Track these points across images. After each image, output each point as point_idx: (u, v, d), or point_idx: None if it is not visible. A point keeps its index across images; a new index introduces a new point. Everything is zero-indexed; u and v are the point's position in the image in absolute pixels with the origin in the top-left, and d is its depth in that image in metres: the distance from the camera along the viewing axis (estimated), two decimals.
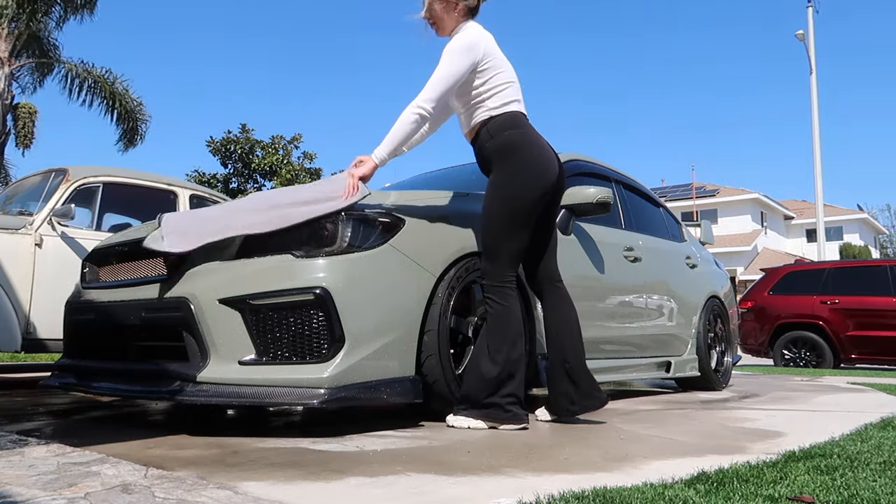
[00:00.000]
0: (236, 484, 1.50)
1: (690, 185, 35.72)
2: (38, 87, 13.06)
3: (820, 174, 16.93)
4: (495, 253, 2.51)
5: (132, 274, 2.64)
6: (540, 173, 2.50)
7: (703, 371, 4.44)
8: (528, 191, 2.48)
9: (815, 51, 17.47)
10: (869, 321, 8.36)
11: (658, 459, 1.89)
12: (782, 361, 8.90)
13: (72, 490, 1.42)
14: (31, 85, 13.00)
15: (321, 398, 2.12)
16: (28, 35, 11.93)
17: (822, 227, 17.21)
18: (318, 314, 2.20)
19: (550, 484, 1.53)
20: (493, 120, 2.56)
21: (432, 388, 2.45)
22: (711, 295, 4.68)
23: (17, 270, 3.73)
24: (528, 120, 2.62)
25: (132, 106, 12.95)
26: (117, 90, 12.73)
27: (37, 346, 3.81)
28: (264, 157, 18.11)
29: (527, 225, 2.52)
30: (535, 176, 2.49)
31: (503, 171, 2.51)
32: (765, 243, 35.45)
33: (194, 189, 4.83)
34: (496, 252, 2.50)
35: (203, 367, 2.20)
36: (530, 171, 2.49)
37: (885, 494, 1.45)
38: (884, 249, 46.72)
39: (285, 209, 2.34)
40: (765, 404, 3.60)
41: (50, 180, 4.17)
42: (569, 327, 2.64)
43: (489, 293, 2.52)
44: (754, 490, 1.48)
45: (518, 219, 2.48)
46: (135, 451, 1.89)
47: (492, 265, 2.52)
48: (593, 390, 2.63)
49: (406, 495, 1.44)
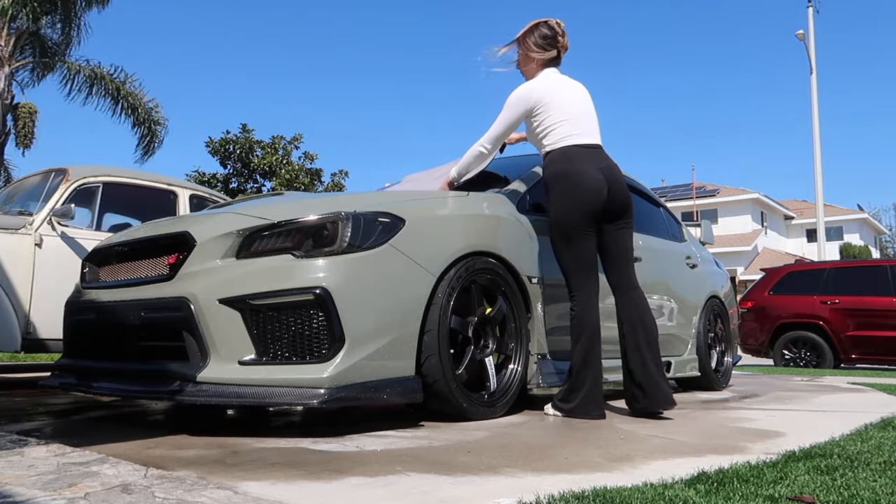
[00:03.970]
0: (236, 484, 1.50)
1: (691, 185, 35.72)
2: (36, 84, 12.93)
3: (820, 174, 16.93)
4: (563, 269, 2.93)
5: (132, 274, 2.64)
6: (576, 200, 2.84)
7: (703, 371, 4.44)
8: (567, 215, 2.85)
9: (816, 51, 17.47)
10: (869, 321, 8.36)
11: (658, 459, 1.89)
12: (782, 361, 8.89)
13: (72, 490, 1.42)
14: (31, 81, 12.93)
15: (321, 398, 2.12)
16: (29, 34, 11.91)
17: (823, 227, 17.21)
18: (318, 314, 2.20)
19: (550, 484, 1.53)
20: (548, 155, 2.98)
21: (432, 388, 2.44)
22: (711, 295, 4.68)
23: (17, 270, 3.73)
24: (582, 150, 2.93)
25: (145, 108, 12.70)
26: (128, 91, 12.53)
27: (37, 346, 3.81)
28: (264, 157, 18.09)
29: (576, 243, 2.86)
30: (572, 202, 2.85)
31: (550, 199, 2.94)
32: (765, 243, 35.44)
33: (194, 189, 4.82)
34: (563, 268, 2.93)
35: (203, 367, 2.20)
36: (567, 198, 2.86)
37: (886, 494, 1.45)
38: (884, 250, 46.72)
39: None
40: (765, 404, 3.60)
41: (50, 180, 4.17)
42: (635, 337, 2.87)
43: (570, 301, 2.91)
44: (754, 490, 1.48)
45: (568, 238, 2.87)
46: (135, 451, 1.89)
47: (566, 279, 2.93)
48: (661, 392, 2.80)
49: (406, 495, 1.44)
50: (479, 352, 2.72)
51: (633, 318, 2.89)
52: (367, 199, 2.58)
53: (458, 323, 2.61)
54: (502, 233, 2.91)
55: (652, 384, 2.80)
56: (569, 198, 2.85)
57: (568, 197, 2.85)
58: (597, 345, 2.83)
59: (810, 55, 17.39)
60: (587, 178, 2.85)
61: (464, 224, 2.74)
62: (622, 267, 2.98)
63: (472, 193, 3.01)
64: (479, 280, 2.73)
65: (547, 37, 3.03)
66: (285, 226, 2.35)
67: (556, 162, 2.91)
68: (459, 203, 2.86)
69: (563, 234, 2.87)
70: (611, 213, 2.93)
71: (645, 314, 2.91)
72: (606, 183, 2.88)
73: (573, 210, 2.84)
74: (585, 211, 2.83)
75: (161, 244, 2.55)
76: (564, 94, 2.98)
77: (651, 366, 2.82)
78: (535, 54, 3.05)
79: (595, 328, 2.84)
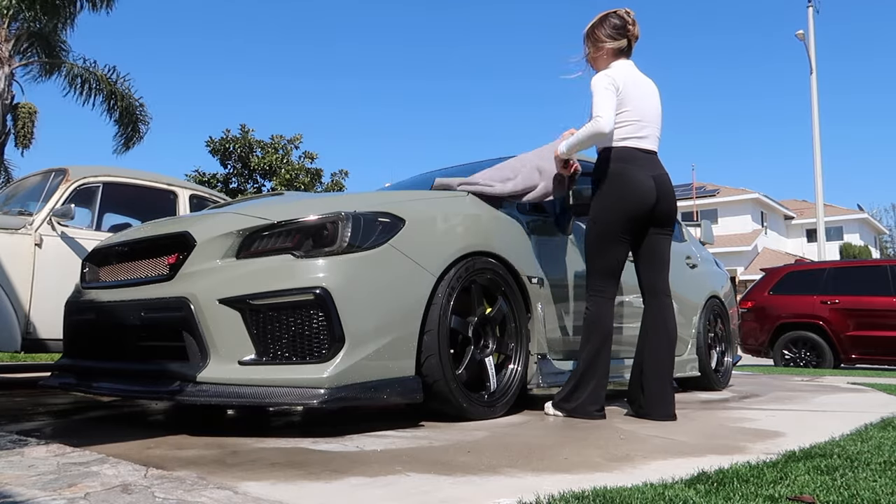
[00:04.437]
0: (236, 484, 1.50)
1: (691, 184, 35.70)
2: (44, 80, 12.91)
3: (820, 174, 16.93)
4: (589, 266, 2.92)
5: (132, 274, 2.64)
6: (621, 202, 2.81)
7: (703, 371, 4.44)
8: (609, 216, 2.83)
9: (816, 51, 17.47)
10: (869, 321, 8.35)
11: (658, 459, 1.89)
12: (782, 361, 8.89)
13: (72, 490, 1.42)
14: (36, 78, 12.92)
15: (321, 398, 2.12)
16: (30, 33, 11.90)
17: (823, 227, 17.20)
18: (318, 314, 2.20)
19: (550, 484, 1.53)
20: (605, 151, 2.91)
21: (432, 388, 2.44)
22: (711, 295, 4.68)
23: (17, 270, 3.73)
24: (640, 154, 2.87)
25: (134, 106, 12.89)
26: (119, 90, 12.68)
27: (37, 346, 3.81)
28: (263, 156, 18.10)
29: (610, 245, 2.84)
30: (617, 203, 2.82)
31: (595, 196, 2.91)
32: (765, 243, 35.45)
33: (194, 189, 4.82)
34: (589, 265, 2.92)
35: (203, 367, 2.20)
36: (613, 199, 2.83)
37: (886, 494, 1.45)
38: (884, 250, 46.71)
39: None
40: (765, 404, 3.60)
41: (50, 180, 4.17)
42: (655, 339, 2.87)
43: (586, 300, 2.89)
44: (754, 490, 1.48)
45: (604, 240, 2.85)
46: (135, 451, 1.89)
47: (588, 277, 2.92)
48: (663, 403, 2.80)
49: (406, 495, 1.44)
50: (479, 352, 2.72)
51: (659, 323, 2.88)
52: (367, 199, 2.58)
53: (458, 323, 2.61)
54: (502, 233, 2.91)
55: (658, 395, 2.79)
56: (615, 198, 2.82)
57: (614, 197, 2.82)
58: (606, 349, 2.82)
59: (810, 55, 17.39)
60: (638, 183, 2.81)
61: (464, 224, 2.74)
62: (658, 272, 2.95)
63: (471, 194, 3.01)
64: (479, 280, 2.73)
65: (617, 26, 2.96)
66: (285, 226, 2.36)
67: (612, 161, 2.86)
68: (459, 203, 2.86)
69: (600, 234, 2.85)
70: (655, 221, 2.90)
71: (670, 322, 2.90)
72: (656, 191, 2.85)
73: (616, 212, 2.82)
74: (628, 215, 2.81)
75: (161, 244, 2.55)
76: (639, 92, 2.92)
77: (664, 376, 2.82)
78: (607, 44, 2.96)
79: (607, 332, 2.83)
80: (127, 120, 12.94)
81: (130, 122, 13.01)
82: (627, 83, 2.86)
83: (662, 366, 2.83)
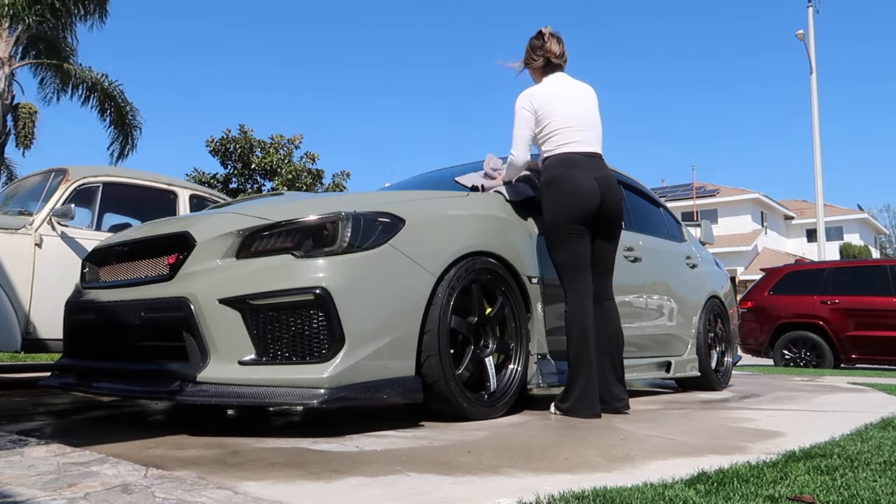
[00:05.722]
0: (236, 484, 1.50)
1: (691, 185, 35.72)
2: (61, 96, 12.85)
3: (820, 174, 16.93)
4: (557, 270, 2.99)
5: (132, 274, 2.64)
6: (568, 205, 2.91)
7: (703, 371, 4.44)
8: (558, 218, 2.93)
9: (816, 51, 17.47)
10: (869, 321, 8.35)
11: (658, 459, 1.89)
12: (782, 361, 8.89)
13: (72, 490, 1.42)
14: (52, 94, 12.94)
15: (321, 398, 2.12)
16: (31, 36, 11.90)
17: (823, 227, 17.20)
18: (318, 314, 2.20)
19: (550, 484, 1.53)
20: (546, 160, 3.05)
21: (432, 388, 2.44)
22: (711, 295, 4.68)
23: (17, 270, 3.73)
24: (580, 157, 2.99)
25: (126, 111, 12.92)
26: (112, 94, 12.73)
27: (37, 346, 3.80)
28: (264, 156, 18.08)
29: (568, 244, 2.93)
30: (564, 206, 2.92)
31: (543, 203, 3.01)
32: (765, 243, 35.43)
33: (194, 189, 4.82)
34: (556, 269, 2.99)
35: (203, 367, 2.20)
36: (559, 203, 2.93)
37: (886, 494, 1.45)
38: (884, 250, 46.71)
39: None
40: (765, 404, 3.60)
41: (50, 180, 4.17)
42: (608, 343, 3.00)
43: (564, 303, 2.97)
44: (754, 490, 1.48)
45: (558, 239, 2.94)
46: (135, 451, 1.89)
47: (560, 280, 2.99)
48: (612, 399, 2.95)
49: (406, 495, 1.44)
50: (479, 352, 2.72)
51: (610, 328, 3.02)
52: (367, 199, 2.58)
53: (458, 323, 2.61)
54: (502, 233, 2.91)
55: (610, 390, 2.95)
56: (561, 202, 2.92)
57: (560, 201, 2.92)
58: (588, 344, 2.87)
59: (810, 55, 17.39)
60: (581, 185, 2.92)
61: (464, 224, 2.74)
62: (601, 280, 3.05)
63: (471, 193, 3.01)
64: (480, 280, 2.73)
65: (535, 47, 3.13)
66: (285, 226, 2.35)
67: (553, 167, 2.98)
68: (459, 203, 2.86)
69: (555, 235, 2.95)
70: (601, 222, 2.99)
71: (611, 325, 3.04)
72: (600, 192, 2.94)
73: (564, 214, 2.92)
74: (576, 216, 2.91)
75: (161, 244, 2.55)
76: (565, 101, 3.04)
77: (611, 374, 2.98)
78: (531, 65, 3.16)
79: (585, 327, 2.88)
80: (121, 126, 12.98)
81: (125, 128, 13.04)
82: (548, 98, 3.03)
83: (616, 367, 3.00)
